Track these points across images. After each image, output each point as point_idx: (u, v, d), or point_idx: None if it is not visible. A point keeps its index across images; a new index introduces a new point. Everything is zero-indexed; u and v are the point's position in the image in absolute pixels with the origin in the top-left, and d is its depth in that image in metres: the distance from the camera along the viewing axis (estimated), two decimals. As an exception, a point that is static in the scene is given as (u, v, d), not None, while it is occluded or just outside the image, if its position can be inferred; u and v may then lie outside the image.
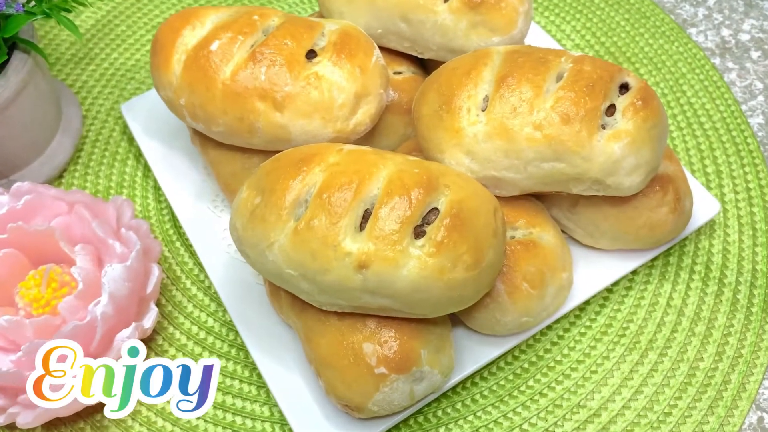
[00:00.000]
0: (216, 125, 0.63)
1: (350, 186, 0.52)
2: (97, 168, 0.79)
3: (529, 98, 0.56)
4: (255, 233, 0.54)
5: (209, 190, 0.73)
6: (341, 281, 0.51)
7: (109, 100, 0.85)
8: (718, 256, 0.72)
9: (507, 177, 0.58)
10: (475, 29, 0.66)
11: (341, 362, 0.55)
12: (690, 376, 0.65)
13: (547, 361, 0.65)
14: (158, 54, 0.65)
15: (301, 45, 0.62)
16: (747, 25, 0.92)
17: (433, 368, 0.56)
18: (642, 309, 0.68)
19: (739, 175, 0.77)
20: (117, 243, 0.64)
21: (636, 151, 0.56)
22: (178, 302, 0.70)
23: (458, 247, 0.51)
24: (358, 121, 0.63)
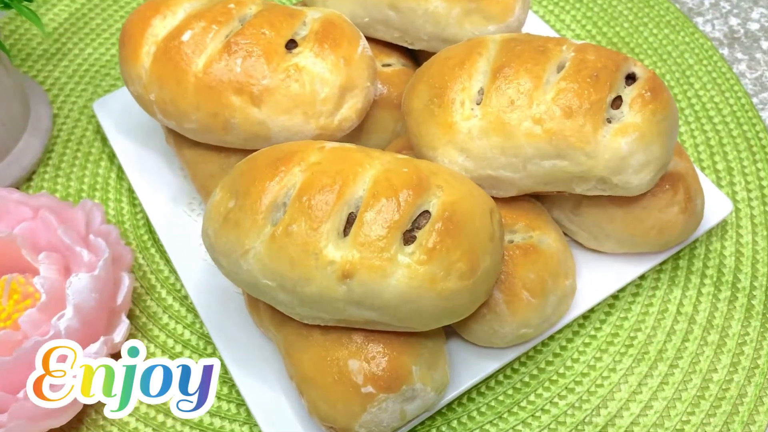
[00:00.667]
0: (188, 122, 0.59)
1: (333, 187, 0.49)
2: (68, 170, 0.76)
3: (527, 90, 0.54)
4: (228, 240, 0.50)
5: (186, 192, 0.70)
6: (323, 292, 0.48)
7: (82, 97, 0.81)
8: (730, 259, 0.68)
9: (504, 176, 0.56)
10: (468, 17, 0.63)
11: (325, 380, 0.52)
12: (703, 389, 0.62)
13: (549, 374, 0.62)
14: (126, 46, 0.61)
15: (281, 34, 0.59)
16: (756, 13, 0.89)
17: (426, 385, 0.53)
18: (650, 317, 0.65)
19: (751, 172, 0.74)
20: (85, 251, 0.61)
21: (645, 146, 0.54)
22: (153, 313, 0.66)
23: (451, 254, 0.48)
24: (343, 117, 0.60)
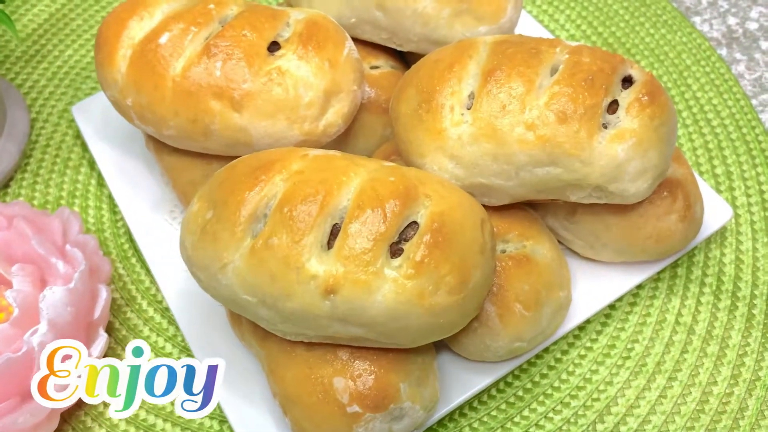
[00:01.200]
0: (167, 128, 0.57)
1: (315, 197, 0.46)
2: (47, 176, 0.73)
3: (520, 94, 0.52)
4: (206, 253, 0.48)
5: (167, 199, 0.67)
6: (306, 308, 0.46)
7: (62, 101, 0.78)
8: (730, 267, 0.66)
9: (496, 184, 0.53)
10: (459, 18, 0.61)
11: (309, 399, 0.50)
12: (703, 403, 0.59)
13: (544, 387, 0.60)
14: (101, 49, 0.59)
15: (263, 36, 0.56)
16: (755, 12, 0.87)
17: (415, 403, 0.51)
18: (648, 327, 0.63)
19: (751, 177, 0.72)
20: (60, 262, 0.59)
21: (642, 153, 0.52)
22: (133, 326, 0.64)
23: (441, 268, 0.45)
24: (328, 122, 0.57)
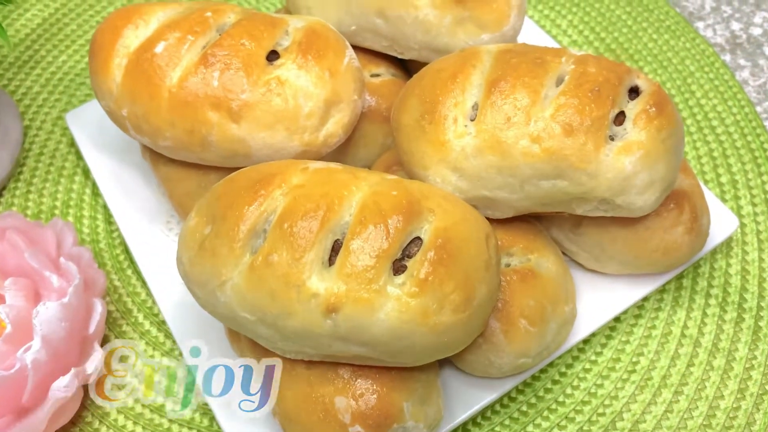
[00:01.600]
0: (163, 139, 0.56)
1: (316, 213, 0.45)
2: (40, 185, 0.72)
3: (525, 106, 0.51)
4: (204, 269, 0.47)
5: (164, 210, 0.66)
6: (307, 327, 0.45)
7: (56, 108, 0.77)
8: (736, 278, 0.65)
9: (501, 197, 0.53)
10: (461, 25, 0.60)
11: (309, 418, 0.49)
12: (709, 417, 0.59)
13: (548, 402, 0.59)
14: (96, 58, 0.58)
15: (261, 45, 0.55)
16: (759, 17, 0.86)
17: (418, 422, 0.50)
18: (653, 340, 0.62)
19: (756, 185, 0.71)
20: (54, 276, 0.58)
21: (650, 165, 0.51)
22: (129, 339, 0.62)
23: (445, 285, 0.45)
24: (329, 133, 0.56)
